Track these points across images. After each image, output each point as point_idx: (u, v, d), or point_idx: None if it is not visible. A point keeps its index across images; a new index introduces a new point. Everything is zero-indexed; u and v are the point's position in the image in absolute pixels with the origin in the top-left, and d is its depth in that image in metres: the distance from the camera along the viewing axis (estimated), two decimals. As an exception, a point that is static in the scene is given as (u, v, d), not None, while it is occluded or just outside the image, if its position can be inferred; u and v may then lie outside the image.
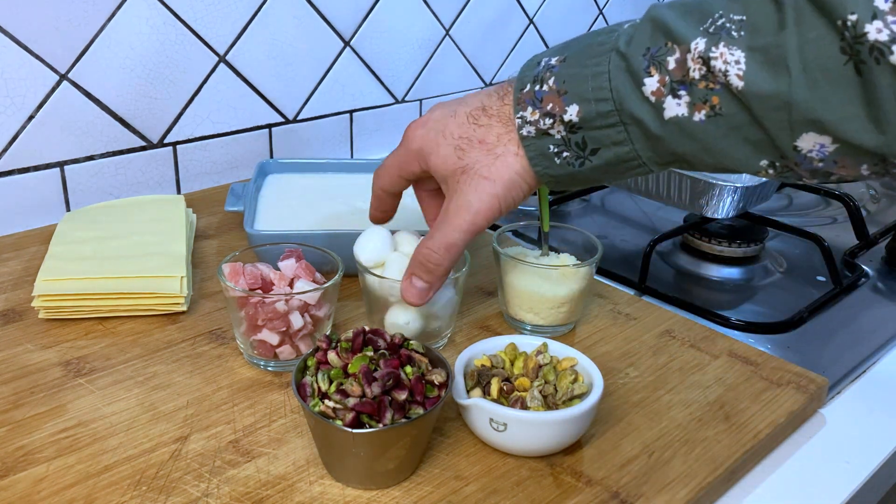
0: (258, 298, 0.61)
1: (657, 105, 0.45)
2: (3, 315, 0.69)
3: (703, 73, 0.43)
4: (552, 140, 0.48)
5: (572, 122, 0.47)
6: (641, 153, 0.47)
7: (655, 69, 0.44)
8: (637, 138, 0.47)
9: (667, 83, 0.44)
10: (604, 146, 0.47)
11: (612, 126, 0.46)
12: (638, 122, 0.46)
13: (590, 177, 0.50)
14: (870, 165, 0.42)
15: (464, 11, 1.25)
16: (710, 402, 0.62)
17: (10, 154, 0.86)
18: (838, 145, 0.41)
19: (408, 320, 0.64)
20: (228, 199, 0.83)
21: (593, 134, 0.47)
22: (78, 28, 0.86)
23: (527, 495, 0.52)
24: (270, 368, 0.63)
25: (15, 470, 0.52)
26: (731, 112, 0.43)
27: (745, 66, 0.42)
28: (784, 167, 0.44)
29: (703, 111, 0.43)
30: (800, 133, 0.41)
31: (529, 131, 0.49)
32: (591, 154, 0.48)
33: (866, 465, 0.60)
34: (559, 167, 0.49)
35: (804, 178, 0.45)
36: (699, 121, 0.44)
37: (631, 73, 0.45)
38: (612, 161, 0.48)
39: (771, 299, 0.85)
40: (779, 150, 0.43)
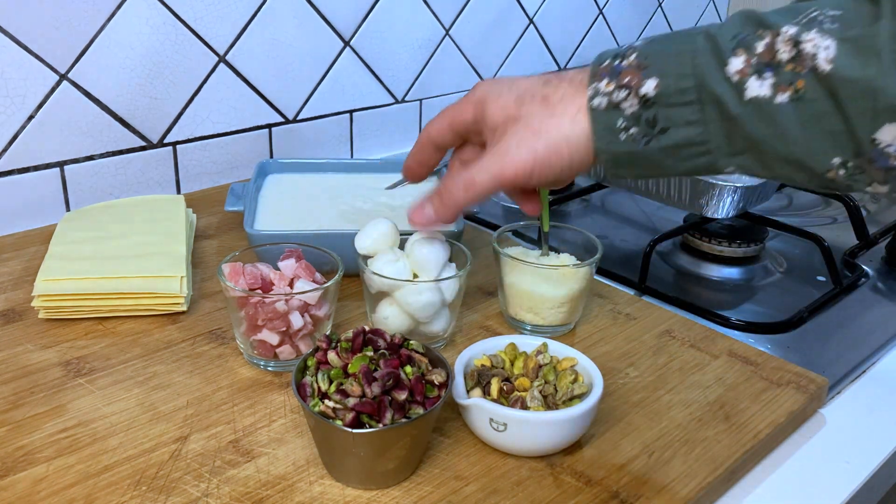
0: (258, 298, 0.61)
1: (739, 85, 0.44)
2: (3, 315, 0.69)
3: (792, 56, 0.42)
4: (622, 114, 0.47)
5: (647, 96, 0.46)
6: (712, 138, 0.46)
7: (743, 51, 0.44)
8: (712, 120, 0.45)
9: (752, 64, 0.44)
10: (675, 125, 0.46)
11: (688, 104, 0.45)
12: (717, 102, 0.45)
13: (650, 159, 0.48)
14: None
15: (464, 11, 1.25)
16: (710, 402, 0.62)
17: (10, 154, 0.86)
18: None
19: (387, 315, 0.65)
20: (228, 199, 0.83)
21: (667, 112, 0.46)
22: (78, 28, 0.86)
23: (527, 495, 0.52)
24: (270, 368, 0.63)
25: (15, 470, 0.52)
26: (814, 97, 0.42)
27: (834, 52, 0.41)
28: (856, 168, 0.43)
29: (786, 93, 0.43)
30: (882, 123, 0.41)
31: (600, 103, 0.48)
32: (659, 133, 0.46)
33: (866, 465, 0.60)
34: (622, 144, 0.48)
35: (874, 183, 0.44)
36: (781, 103, 0.43)
37: (716, 53, 0.45)
38: (679, 143, 0.46)
39: (771, 299, 0.85)
40: (856, 143, 0.42)
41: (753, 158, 0.46)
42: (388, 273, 0.64)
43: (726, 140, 0.46)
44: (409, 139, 1.25)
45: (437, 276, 0.64)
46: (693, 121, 0.46)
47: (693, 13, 1.71)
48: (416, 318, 0.64)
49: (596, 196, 1.09)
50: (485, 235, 0.91)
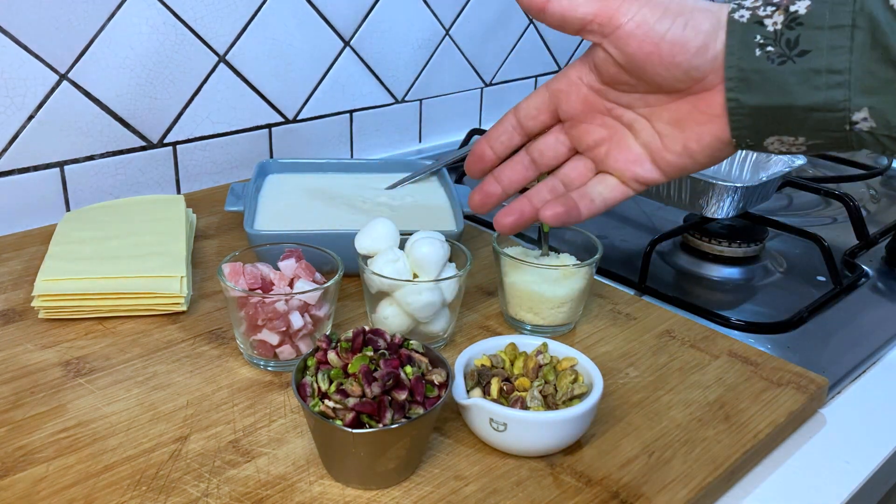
0: (258, 298, 0.61)
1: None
2: (3, 315, 0.69)
3: None
4: (762, 31, 0.44)
5: (797, 14, 0.42)
6: (855, 67, 0.42)
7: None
8: (860, 47, 0.41)
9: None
10: (817, 49, 0.42)
11: (838, 28, 0.42)
12: (872, 25, 0.41)
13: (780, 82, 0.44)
14: None
15: (464, 11, 1.25)
16: (710, 402, 0.62)
17: (10, 154, 0.86)
18: None
19: (387, 315, 0.65)
20: (228, 199, 0.83)
21: (813, 34, 0.42)
22: (78, 28, 0.86)
23: (527, 495, 0.52)
24: (270, 368, 0.63)
25: (15, 470, 0.52)
26: None
27: None
28: None
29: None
30: None
31: (742, 16, 0.44)
32: (798, 55, 0.43)
33: (866, 465, 0.60)
34: (755, 60, 0.44)
35: None
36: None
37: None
38: (817, 68, 0.42)
39: (771, 299, 0.85)
40: None
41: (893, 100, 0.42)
42: (388, 273, 0.64)
43: (870, 72, 0.42)
44: (409, 139, 1.25)
45: (437, 276, 0.64)
46: (839, 46, 0.42)
47: (693, 13, 1.71)
48: (416, 318, 0.64)
49: (596, 196, 1.09)
50: (485, 235, 0.91)
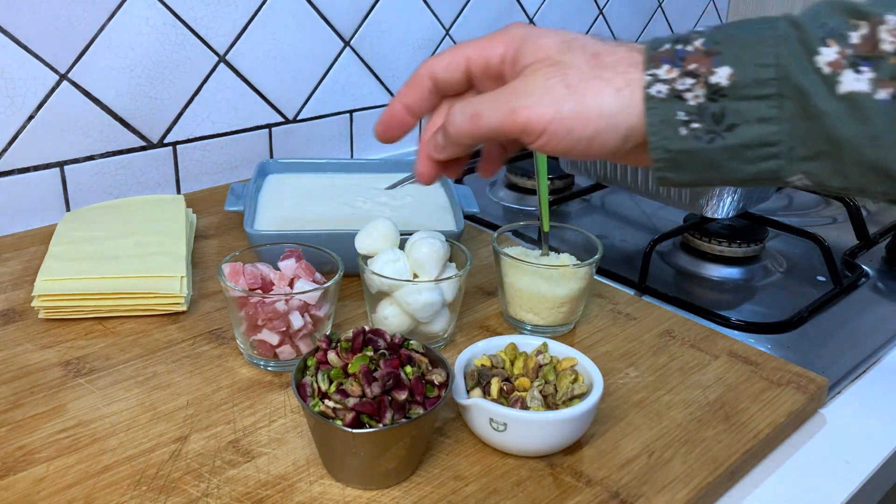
0: (258, 298, 0.61)
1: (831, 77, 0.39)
2: (3, 315, 0.69)
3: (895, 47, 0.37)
4: (684, 106, 0.41)
5: (719, 86, 0.40)
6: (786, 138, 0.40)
7: (834, 41, 0.39)
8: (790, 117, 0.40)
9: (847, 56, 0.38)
10: (745, 122, 0.40)
11: (765, 98, 0.40)
12: (801, 96, 0.39)
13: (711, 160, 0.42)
14: None
15: (464, 11, 1.25)
16: (710, 402, 0.62)
17: (10, 154, 0.86)
18: None
19: (387, 315, 0.65)
20: (228, 199, 0.83)
21: (738, 105, 0.40)
22: (78, 28, 0.86)
23: (527, 495, 0.52)
24: (270, 368, 0.63)
25: (15, 470, 0.52)
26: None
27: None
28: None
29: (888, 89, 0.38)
30: None
31: (660, 91, 0.41)
32: (726, 130, 0.40)
33: (866, 465, 0.60)
34: (681, 140, 0.41)
35: None
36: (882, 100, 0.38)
37: (803, 42, 0.39)
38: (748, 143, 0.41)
39: (771, 299, 0.85)
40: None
41: (829, 165, 0.41)
42: (388, 273, 0.64)
43: (802, 141, 0.40)
44: (409, 139, 1.25)
45: (437, 276, 0.64)
46: (768, 117, 0.40)
47: (693, 13, 1.71)
48: (416, 318, 0.64)
49: (596, 196, 1.09)
50: (485, 235, 0.91)
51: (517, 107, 0.43)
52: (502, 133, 0.44)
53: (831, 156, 0.40)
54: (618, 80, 0.42)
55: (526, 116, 0.43)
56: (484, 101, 0.45)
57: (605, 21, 1.51)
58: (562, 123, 0.42)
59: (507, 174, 1.11)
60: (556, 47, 0.44)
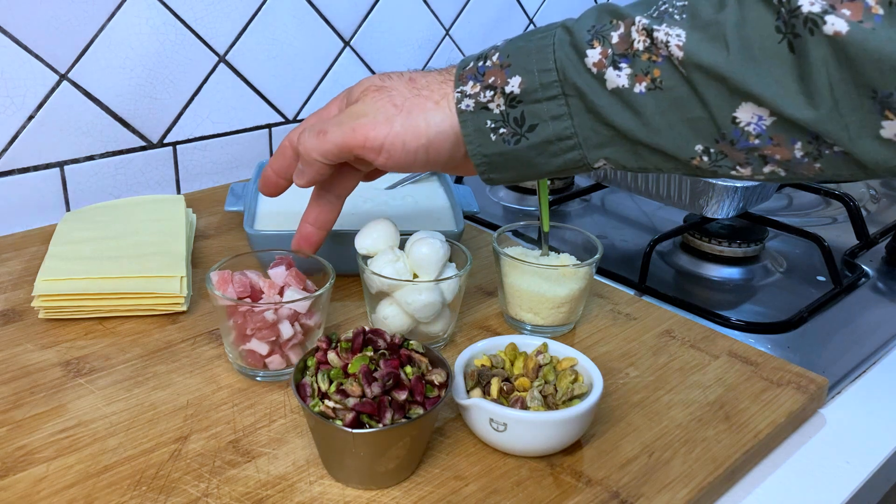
0: (247, 307, 0.59)
1: (599, 76, 0.44)
2: (3, 315, 0.69)
3: (647, 46, 0.43)
4: (490, 115, 0.47)
5: (514, 94, 0.46)
6: (580, 130, 0.46)
7: (598, 42, 0.45)
8: (577, 112, 0.46)
9: (609, 55, 0.44)
10: (542, 121, 0.46)
11: (553, 98, 0.46)
12: (580, 94, 0.45)
13: (522, 158, 0.48)
14: (804, 144, 0.42)
15: (464, 11, 1.25)
16: (710, 402, 0.62)
17: (10, 154, 0.86)
18: (775, 118, 0.42)
19: (387, 315, 0.65)
20: (228, 199, 0.83)
21: (533, 108, 0.46)
22: (78, 28, 0.86)
23: (527, 495, 0.52)
24: (259, 378, 0.62)
25: (15, 470, 0.52)
26: (671, 85, 0.43)
27: (685, 39, 0.43)
28: (719, 153, 0.44)
29: (643, 83, 0.44)
30: (739, 103, 0.42)
31: (468, 105, 0.48)
32: (528, 131, 0.47)
33: (866, 465, 0.60)
34: (493, 145, 0.48)
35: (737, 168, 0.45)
36: (640, 92, 0.44)
37: (575, 46, 0.45)
38: (548, 139, 0.47)
39: (771, 299, 0.85)
40: (717, 127, 0.43)
41: (622, 149, 0.46)
42: (388, 273, 0.64)
43: (593, 131, 0.46)
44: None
45: (437, 276, 0.64)
46: (559, 115, 0.46)
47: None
48: (416, 318, 0.64)
49: (596, 196, 1.09)
50: (485, 235, 0.91)
51: (356, 125, 0.49)
52: (346, 149, 0.49)
53: (619, 142, 0.46)
54: (434, 95, 0.48)
55: (363, 133, 0.48)
56: (329, 121, 0.51)
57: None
58: (396, 138, 0.49)
59: (507, 174, 1.11)
60: (377, 78, 0.51)
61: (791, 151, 0.43)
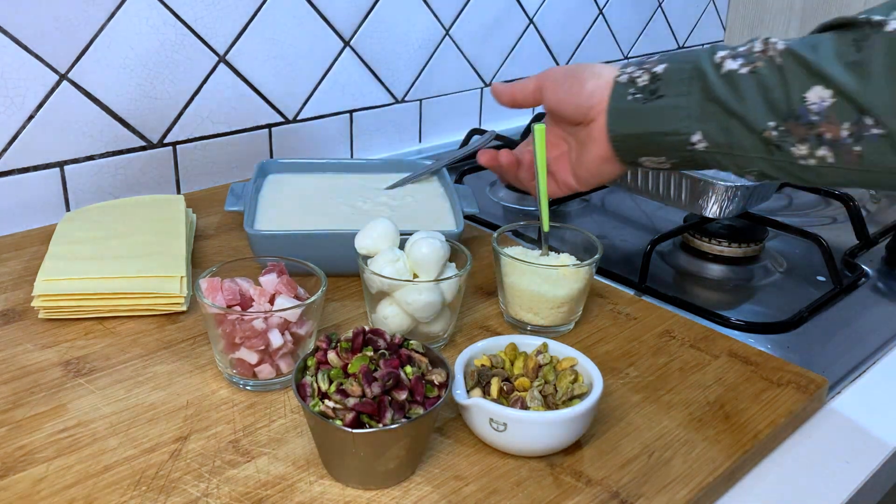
0: (236, 316, 0.58)
1: (719, 65, 0.60)
2: (3, 315, 0.69)
3: (761, 49, 0.59)
4: (635, 85, 0.63)
5: (657, 73, 0.63)
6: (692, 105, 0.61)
7: (728, 50, 0.61)
8: (694, 91, 0.61)
9: (731, 54, 0.60)
10: (668, 94, 0.62)
11: (682, 80, 0.62)
12: (702, 76, 0.60)
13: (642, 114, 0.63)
14: (850, 125, 0.55)
15: (464, 11, 1.25)
16: (710, 402, 0.62)
17: (10, 154, 0.86)
18: (834, 100, 0.55)
19: (387, 315, 0.65)
20: (228, 199, 0.83)
21: (666, 85, 0.62)
22: (78, 28, 0.86)
23: (527, 495, 0.52)
24: (249, 388, 0.61)
25: (15, 470, 0.52)
26: (765, 73, 0.58)
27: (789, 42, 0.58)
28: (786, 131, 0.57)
29: (748, 67, 0.59)
30: (811, 85, 0.56)
31: (623, 78, 0.64)
32: (655, 98, 0.62)
33: (866, 465, 0.60)
34: (627, 102, 0.64)
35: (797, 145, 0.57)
36: (742, 73, 0.59)
37: (711, 51, 0.62)
38: (667, 106, 0.62)
39: (771, 299, 0.85)
40: (790, 105, 0.57)
41: (716, 124, 0.60)
42: (388, 273, 0.64)
43: (700, 108, 0.61)
44: (409, 139, 1.25)
45: (437, 276, 0.64)
46: (682, 92, 0.62)
47: (693, 13, 1.71)
48: (416, 318, 0.64)
49: (596, 196, 1.09)
50: (485, 235, 0.91)
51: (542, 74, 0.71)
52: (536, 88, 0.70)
53: (716, 116, 0.60)
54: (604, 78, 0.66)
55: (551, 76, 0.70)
56: None
57: (605, 21, 1.51)
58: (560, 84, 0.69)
59: (507, 174, 1.11)
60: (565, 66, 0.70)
61: (839, 129, 0.55)
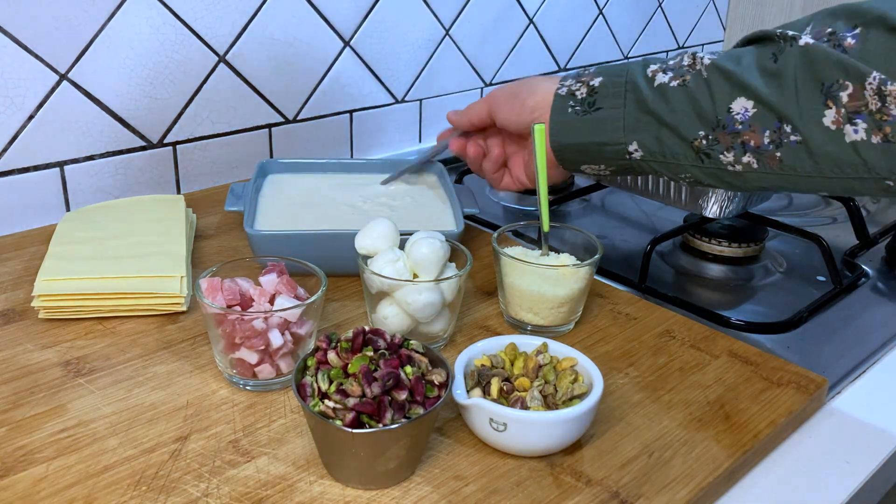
0: (236, 316, 0.58)
1: (652, 78, 0.66)
2: (3, 315, 0.69)
3: (689, 63, 0.65)
4: (574, 98, 0.69)
5: (594, 86, 0.68)
6: (626, 117, 0.67)
7: (659, 63, 0.67)
8: (629, 103, 0.66)
9: (662, 68, 0.66)
10: (605, 107, 0.67)
11: (617, 94, 0.67)
12: (636, 89, 0.66)
13: (581, 127, 0.69)
14: (770, 132, 0.60)
15: (464, 11, 1.25)
16: (710, 402, 0.62)
17: (10, 154, 0.86)
18: (756, 109, 0.61)
19: (387, 315, 0.65)
20: (228, 199, 0.83)
21: (603, 98, 0.68)
22: (78, 28, 0.86)
23: (527, 495, 0.52)
24: (249, 388, 0.61)
25: (15, 470, 0.52)
26: (693, 84, 0.64)
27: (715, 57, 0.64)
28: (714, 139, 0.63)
29: (677, 81, 0.65)
30: (735, 97, 0.62)
31: (563, 90, 0.70)
32: (593, 111, 0.68)
33: (866, 465, 0.60)
34: (567, 115, 0.69)
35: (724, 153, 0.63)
36: (673, 86, 0.65)
37: (644, 65, 0.67)
38: (604, 118, 0.67)
39: (771, 299, 0.85)
40: (716, 115, 0.63)
41: (649, 134, 0.66)
42: (388, 273, 0.64)
43: (634, 119, 0.66)
44: (409, 139, 1.25)
45: (437, 276, 0.64)
46: (617, 105, 0.67)
47: (693, 13, 1.71)
48: (416, 318, 0.64)
49: (596, 196, 1.09)
50: (485, 235, 0.91)
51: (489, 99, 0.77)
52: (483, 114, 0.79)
53: (649, 126, 0.66)
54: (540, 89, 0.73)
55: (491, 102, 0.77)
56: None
57: (605, 21, 1.51)
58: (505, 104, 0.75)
59: (507, 174, 1.11)
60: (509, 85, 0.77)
61: (761, 137, 0.61)
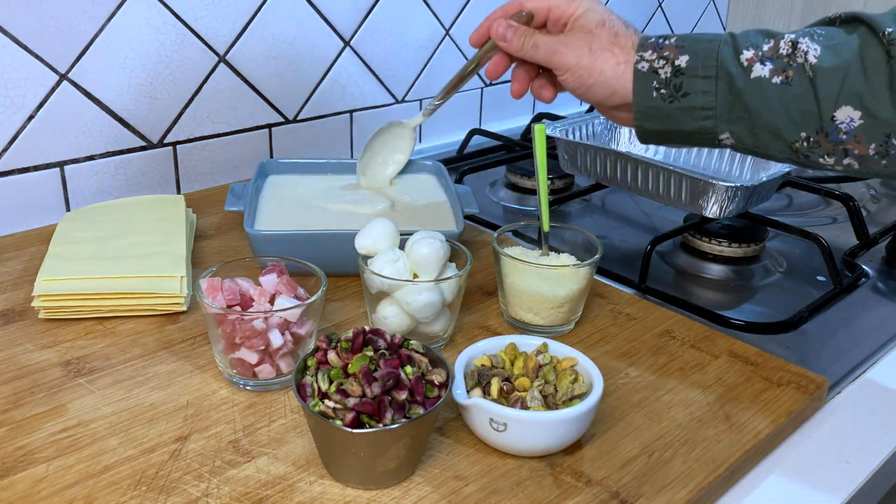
0: (236, 316, 0.58)
1: (748, 68, 0.59)
2: (3, 315, 0.69)
3: (789, 52, 0.58)
4: (657, 78, 0.61)
5: (680, 67, 0.60)
6: (719, 105, 0.60)
7: (753, 48, 0.59)
8: (722, 92, 0.59)
9: (759, 56, 0.59)
10: (694, 92, 0.60)
11: (707, 78, 0.60)
12: (729, 78, 0.59)
13: (670, 114, 0.61)
14: (877, 146, 0.56)
15: (464, 11, 1.25)
16: (710, 402, 0.62)
17: (10, 154, 0.86)
18: (862, 121, 0.56)
19: (387, 315, 0.65)
20: (228, 199, 0.83)
21: (690, 81, 0.60)
22: (78, 28, 0.86)
23: (527, 495, 0.52)
24: (249, 388, 0.61)
25: (15, 470, 0.52)
26: (799, 83, 0.57)
27: (819, 53, 0.57)
28: (815, 143, 0.58)
29: (779, 77, 0.58)
30: (841, 105, 0.56)
31: (643, 66, 0.61)
32: (682, 96, 0.60)
33: (866, 465, 0.60)
34: (653, 100, 0.61)
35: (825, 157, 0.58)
36: (774, 83, 0.58)
37: (735, 47, 0.60)
38: (694, 105, 0.60)
39: (771, 299, 0.85)
40: (820, 120, 0.57)
41: (743, 126, 0.60)
42: (388, 273, 0.64)
43: (728, 109, 0.60)
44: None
45: (437, 276, 0.64)
46: (708, 90, 0.60)
47: (693, 13, 1.71)
48: (416, 318, 0.64)
49: (596, 196, 1.09)
50: (485, 235, 0.91)
51: (557, 51, 0.64)
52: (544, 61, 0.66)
53: (745, 120, 0.59)
54: (620, 57, 0.62)
55: (559, 60, 0.64)
56: (544, 39, 0.65)
57: (605, 21, 1.51)
58: (577, 70, 0.64)
59: (507, 174, 1.11)
60: (595, 22, 0.64)
61: (866, 149, 0.57)
